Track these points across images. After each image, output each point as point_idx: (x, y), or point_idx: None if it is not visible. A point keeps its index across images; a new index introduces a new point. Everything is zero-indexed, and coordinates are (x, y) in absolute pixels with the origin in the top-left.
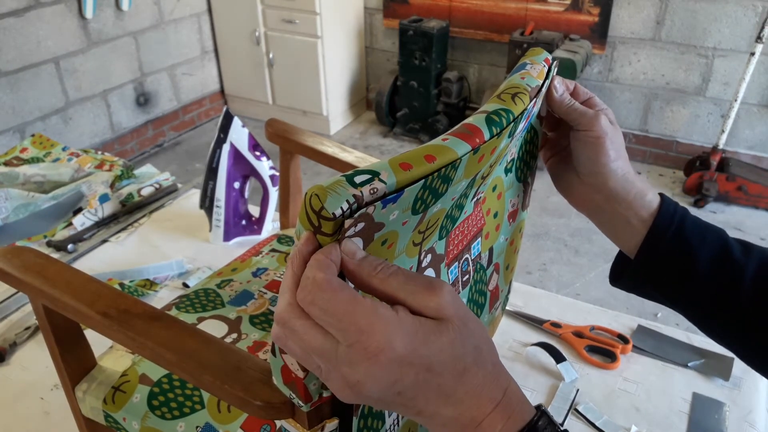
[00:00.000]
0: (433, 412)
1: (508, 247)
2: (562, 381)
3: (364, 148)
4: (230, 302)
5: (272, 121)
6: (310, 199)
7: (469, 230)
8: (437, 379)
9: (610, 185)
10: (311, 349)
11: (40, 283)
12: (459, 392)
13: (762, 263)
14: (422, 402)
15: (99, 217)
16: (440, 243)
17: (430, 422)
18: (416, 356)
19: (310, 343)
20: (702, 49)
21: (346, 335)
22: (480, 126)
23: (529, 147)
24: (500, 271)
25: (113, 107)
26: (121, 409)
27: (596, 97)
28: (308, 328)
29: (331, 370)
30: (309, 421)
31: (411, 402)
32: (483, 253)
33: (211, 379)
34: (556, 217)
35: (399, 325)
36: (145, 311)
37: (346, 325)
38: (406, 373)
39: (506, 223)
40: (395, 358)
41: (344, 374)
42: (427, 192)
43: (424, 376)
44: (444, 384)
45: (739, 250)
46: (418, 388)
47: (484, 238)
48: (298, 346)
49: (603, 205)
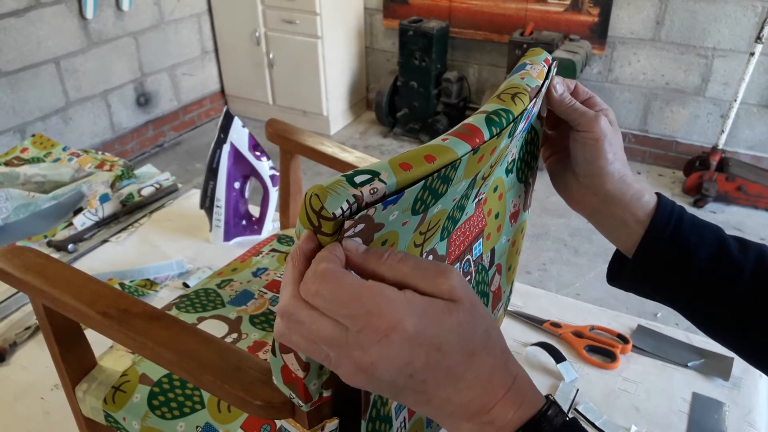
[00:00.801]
0: (444, 397)
1: (510, 248)
2: (562, 381)
3: (364, 148)
4: (230, 302)
5: (272, 121)
6: (310, 199)
7: (470, 231)
8: (447, 360)
9: (606, 187)
10: (319, 338)
11: (40, 283)
12: (469, 376)
13: (759, 260)
14: (433, 386)
15: (99, 217)
16: (441, 244)
17: (439, 412)
18: (426, 335)
19: (318, 332)
20: (702, 50)
21: (356, 320)
22: (480, 126)
23: (530, 147)
24: (502, 272)
25: (113, 107)
26: (122, 409)
27: (597, 96)
28: (315, 318)
29: (342, 357)
30: (309, 421)
31: (422, 386)
32: (485, 254)
33: (211, 379)
34: (556, 217)
35: (407, 305)
36: (145, 311)
37: (354, 310)
38: (417, 354)
39: (508, 224)
40: (406, 337)
41: (356, 359)
42: (427, 192)
43: (435, 357)
44: (454, 366)
45: (736, 247)
46: (429, 369)
47: (486, 239)
48: (303, 339)
49: (599, 207)
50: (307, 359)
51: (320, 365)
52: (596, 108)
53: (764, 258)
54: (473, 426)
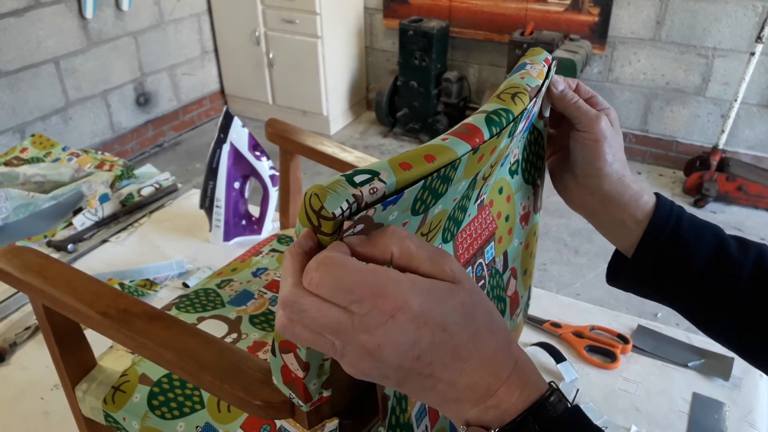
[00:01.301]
0: (449, 380)
1: (523, 251)
2: (562, 381)
3: (364, 148)
4: (230, 302)
5: (272, 121)
6: (309, 198)
7: (478, 234)
8: (453, 339)
9: (605, 188)
10: (323, 326)
11: (40, 283)
12: (474, 356)
13: (759, 260)
14: (439, 368)
15: (99, 217)
16: (446, 246)
17: (444, 398)
18: (431, 315)
19: (322, 320)
20: (702, 49)
21: (362, 304)
22: (480, 126)
23: (534, 148)
24: (518, 276)
25: (113, 107)
26: (121, 409)
27: (599, 96)
28: (319, 304)
29: (347, 343)
30: (309, 421)
31: (428, 368)
32: (497, 257)
33: (210, 379)
34: (556, 217)
35: (412, 285)
36: (145, 311)
37: (360, 294)
38: (423, 334)
39: (519, 227)
40: (413, 317)
41: (363, 343)
42: (426, 192)
43: (441, 337)
44: (460, 346)
45: (735, 247)
46: (434, 350)
47: (497, 242)
48: (306, 329)
49: (598, 207)
50: (307, 357)
51: (320, 365)
52: (598, 107)
53: (764, 258)
54: (478, 411)
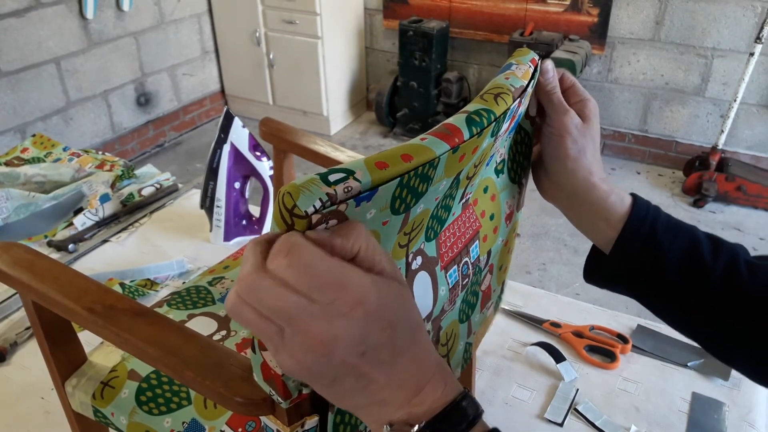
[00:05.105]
0: (382, 382)
1: (502, 247)
2: (562, 381)
3: (365, 148)
4: (221, 299)
5: (266, 120)
6: (282, 197)
7: (462, 232)
8: (397, 337)
9: (570, 184)
10: (277, 311)
11: (28, 279)
12: (411, 350)
13: (730, 264)
14: (376, 367)
15: (100, 217)
16: (429, 245)
17: (371, 399)
18: (384, 312)
19: (278, 303)
20: (701, 50)
21: (327, 292)
22: (459, 126)
23: (521, 148)
24: (494, 272)
25: (114, 107)
26: (110, 405)
27: (579, 85)
28: (279, 288)
29: (298, 332)
30: (289, 418)
31: (367, 366)
32: (482, 255)
33: (192, 375)
34: (555, 217)
35: (372, 281)
36: (131, 307)
37: (327, 282)
38: (373, 331)
39: (504, 225)
40: (369, 312)
41: (316, 333)
42: (405, 191)
43: (388, 333)
44: (401, 343)
45: (709, 250)
46: (380, 347)
47: (482, 241)
48: (254, 311)
49: (567, 203)
50: None
51: None
52: (576, 97)
53: (735, 262)
54: (404, 412)
